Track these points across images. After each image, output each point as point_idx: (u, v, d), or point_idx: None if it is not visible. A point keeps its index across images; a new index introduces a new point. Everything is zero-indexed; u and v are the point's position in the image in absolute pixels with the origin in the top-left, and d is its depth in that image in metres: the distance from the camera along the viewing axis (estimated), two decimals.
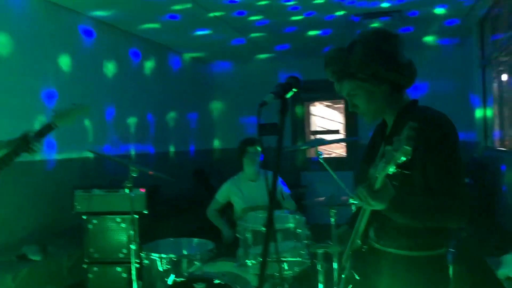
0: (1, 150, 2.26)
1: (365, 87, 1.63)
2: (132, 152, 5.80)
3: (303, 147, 5.38)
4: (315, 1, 4.79)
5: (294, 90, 1.52)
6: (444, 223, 1.57)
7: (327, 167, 3.10)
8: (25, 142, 2.24)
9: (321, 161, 3.13)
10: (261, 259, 2.71)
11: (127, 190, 3.18)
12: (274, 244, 2.77)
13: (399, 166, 1.31)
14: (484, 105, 5.89)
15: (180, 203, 6.33)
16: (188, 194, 6.78)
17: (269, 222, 1.30)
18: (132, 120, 5.81)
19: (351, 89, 1.67)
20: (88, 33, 5.01)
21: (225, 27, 5.58)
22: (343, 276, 1.78)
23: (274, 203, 3.51)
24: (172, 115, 6.80)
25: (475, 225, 4.32)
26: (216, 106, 8.22)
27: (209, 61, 7.94)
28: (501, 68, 5.48)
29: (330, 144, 7.95)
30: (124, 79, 5.65)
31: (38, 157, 4.07)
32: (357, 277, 1.72)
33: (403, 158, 1.27)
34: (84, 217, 4.02)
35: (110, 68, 5.39)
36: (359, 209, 1.79)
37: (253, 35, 6.15)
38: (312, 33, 6.14)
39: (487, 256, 3.65)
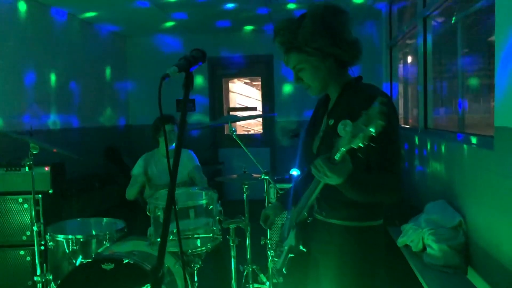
0: None
1: (311, 61, 1.64)
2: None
3: (219, 124, 5.36)
4: None
5: (199, 63, 1.48)
6: (386, 199, 1.62)
7: (240, 143, 3.12)
8: None
9: (235, 137, 3.13)
10: (172, 237, 2.68)
11: (27, 169, 2.97)
12: (187, 220, 2.77)
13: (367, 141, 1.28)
14: (391, 84, 6.23)
15: (90, 181, 6.06)
16: (99, 172, 6.50)
17: (170, 201, 1.26)
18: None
19: (297, 62, 1.67)
20: None
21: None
22: (285, 247, 1.77)
23: (187, 180, 3.47)
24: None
25: None
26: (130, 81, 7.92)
27: (124, 34, 7.58)
28: (406, 50, 5.82)
29: (249, 121, 8.03)
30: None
31: None
32: (302, 248, 1.73)
33: (373, 132, 1.24)
34: None
35: None
36: (289, 188, 1.81)
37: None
38: (229, 5, 6.07)
39: (388, 226, 3.92)
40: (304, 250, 1.73)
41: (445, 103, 4.47)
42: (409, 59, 5.71)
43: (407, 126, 5.67)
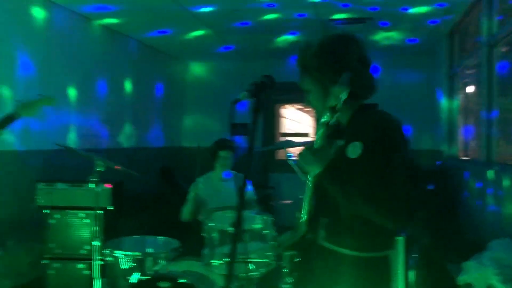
0: None
1: (317, 86, 1.68)
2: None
3: (273, 149, 5.38)
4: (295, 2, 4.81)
5: (268, 89, 1.52)
6: (376, 215, 1.55)
7: (296, 169, 3.11)
8: None
9: (290, 163, 3.14)
10: (227, 259, 2.70)
11: (92, 185, 3.10)
12: (241, 244, 2.78)
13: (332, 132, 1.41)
14: (450, 116, 6.06)
15: (145, 200, 6.23)
16: (154, 191, 6.68)
17: (238, 222, 1.28)
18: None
19: (306, 84, 1.72)
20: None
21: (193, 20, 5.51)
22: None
23: (243, 204, 3.50)
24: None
25: (437, 231, 4.43)
26: (188, 103, 8.18)
27: (182, 59, 7.87)
28: (467, 80, 5.66)
29: (299, 147, 8.02)
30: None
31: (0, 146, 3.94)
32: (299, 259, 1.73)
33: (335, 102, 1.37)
34: (46, 211, 3.91)
35: None
36: None
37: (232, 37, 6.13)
38: (284, 37, 6.18)
39: (448, 263, 3.75)
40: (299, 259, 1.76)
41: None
42: (468, 88, 5.55)
43: (467, 159, 5.46)
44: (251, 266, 2.82)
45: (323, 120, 1.41)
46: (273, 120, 7.99)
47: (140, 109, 6.69)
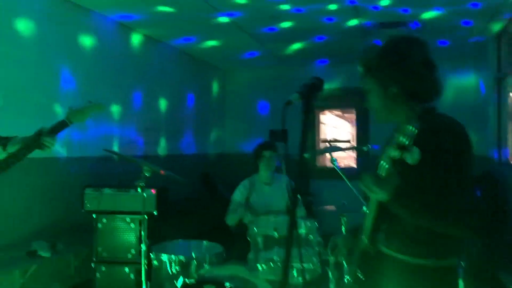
0: (15, 146, 2.26)
1: (377, 86, 1.68)
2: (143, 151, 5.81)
3: (318, 154, 5.35)
4: (330, 7, 4.78)
5: (318, 91, 1.51)
6: (443, 227, 1.53)
7: (342, 174, 3.08)
8: (38, 138, 2.23)
9: (336, 167, 3.10)
10: (271, 264, 2.71)
11: (139, 190, 3.17)
12: (296, 249, 2.77)
13: (400, 149, 1.34)
14: (499, 120, 5.84)
15: (187, 205, 6.32)
16: (195, 197, 6.77)
17: (291, 227, 1.28)
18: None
19: (367, 84, 1.73)
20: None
21: (238, 32, 5.59)
22: (348, 278, 1.75)
23: (295, 208, 3.50)
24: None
25: (486, 239, 4.26)
26: (228, 110, 8.27)
27: (223, 67, 7.98)
28: None
29: (340, 154, 7.93)
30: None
31: (49, 154, 4.09)
32: (362, 277, 1.69)
33: (404, 140, 1.32)
34: (94, 215, 4.02)
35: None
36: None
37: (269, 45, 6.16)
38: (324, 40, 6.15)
39: (499, 271, 3.60)
40: (363, 278, 1.69)
41: None
42: None
43: None
44: (295, 272, 2.80)
45: (391, 154, 1.37)
46: (313, 126, 7.95)
47: (181, 117, 6.81)
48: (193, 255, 3.27)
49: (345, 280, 1.77)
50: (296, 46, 6.49)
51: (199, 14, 4.96)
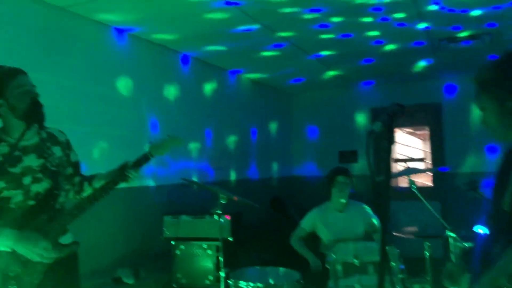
0: (100, 181, 2.40)
1: (493, 102, 1.63)
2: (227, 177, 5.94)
3: (396, 176, 5.16)
4: (397, 15, 4.71)
5: (400, 117, 1.48)
6: None
7: (421, 197, 2.97)
8: (123, 172, 2.36)
9: (415, 190, 2.99)
10: None
11: (216, 217, 3.23)
12: (367, 276, 2.70)
13: None
14: None
15: (259, 230, 6.35)
16: (266, 222, 6.78)
17: (383, 255, 1.24)
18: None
19: (482, 101, 1.68)
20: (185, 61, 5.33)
21: (294, 48, 5.63)
22: None
23: (367, 235, 3.40)
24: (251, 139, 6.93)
25: None
26: (297, 133, 8.30)
27: (289, 92, 8.05)
28: None
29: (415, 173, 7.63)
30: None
31: (131, 184, 4.31)
32: None
33: None
34: (173, 242, 4.15)
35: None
36: (472, 247, 1.67)
37: (332, 71, 6.14)
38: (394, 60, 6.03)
39: None
40: None
41: None
42: None
43: None
44: None
45: None
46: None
47: (247, 145, 6.92)
48: (270, 282, 3.27)
49: None
50: (333, 72, 6.43)
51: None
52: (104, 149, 4.17)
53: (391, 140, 1.41)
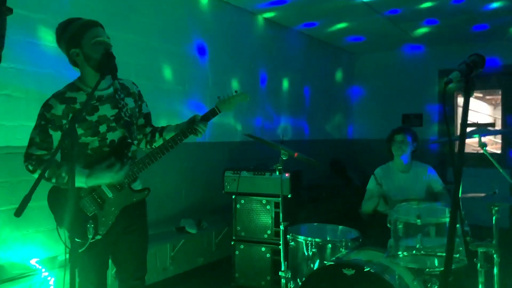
0: (170, 132, 2.48)
1: None
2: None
3: (466, 138, 4.93)
4: None
5: (479, 68, 1.41)
6: None
7: (492, 160, 2.84)
8: (193, 125, 2.42)
9: (486, 153, 2.86)
10: (414, 252, 2.61)
11: (277, 173, 3.27)
12: (429, 238, 2.66)
13: None
14: None
15: (318, 190, 6.38)
16: (325, 183, 6.79)
17: (454, 214, 1.22)
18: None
19: None
20: None
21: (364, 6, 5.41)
22: None
23: (431, 197, 3.32)
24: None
25: None
26: (358, 94, 8.11)
27: (351, 51, 7.82)
28: None
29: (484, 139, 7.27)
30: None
31: (194, 139, 4.45)
32: None
33: None
34: (233, 197, 4.27)
35: None
36: None
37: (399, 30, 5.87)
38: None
39: None
40: None
41: None
42: None
43: None
44: (436, 261, 2.67)
45: None
46: (452, 109, 7.40)
47: (313, 102, 6.86)
48: (329, 238, 3.31)
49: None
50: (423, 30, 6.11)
51: None
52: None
53: (469, 91, 1.34)
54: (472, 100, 8.24)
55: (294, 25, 6.16)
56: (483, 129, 3.21)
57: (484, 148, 2.82)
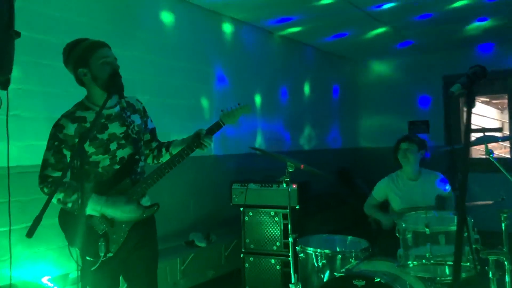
0: (177, 147, 2.51)
1: None
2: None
3: (472, 145, 4.93)
4: None
5: (481, 79, 1.43)
6: None
7: (499, 166, 2.83)
8: (198, 139, 2.44)
9: (492, 159, 2.86)
10: (423, 261, 2.60)
11: (284, 185, 3.27)
12: (438, 247, 2.65)
13: None
14: None
15: (326, 200, 6.37)
16: (333, 192, 6.78)
17: (461, 223, 1.23)
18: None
19: None
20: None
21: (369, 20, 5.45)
22: None
23: (439, 205, 3.30)
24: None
25: None
26: (364, 103, 8.13)
27: (358, 60, 7.85)
28: None
29: (491, 144, 7.24)
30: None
31: (200, 153, 4.48)
32: None
33: None
34: (241, 209, 4.28)
35: None
36: None
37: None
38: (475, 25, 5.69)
39: None
40: None
41: None
42: None
43: None
44: (447, 270, 2.66)
45: None
46: (457, 115, 7.38)
47: (319, 112, 6.89)
48: (338, 249, 3.30)
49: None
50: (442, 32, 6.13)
51: (338, 11, 4.98)
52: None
53: (470, 103, 1.36)
54: (478, 105, 8.23)
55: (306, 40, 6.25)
56: (490, 136, 3.20)
57: (491, 155, 2.82)
